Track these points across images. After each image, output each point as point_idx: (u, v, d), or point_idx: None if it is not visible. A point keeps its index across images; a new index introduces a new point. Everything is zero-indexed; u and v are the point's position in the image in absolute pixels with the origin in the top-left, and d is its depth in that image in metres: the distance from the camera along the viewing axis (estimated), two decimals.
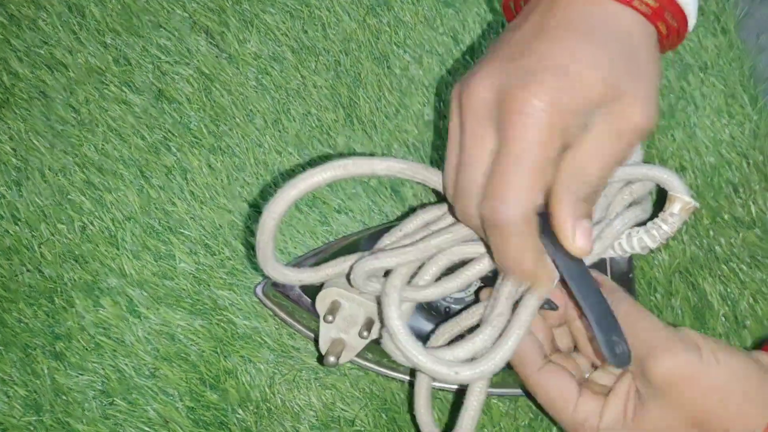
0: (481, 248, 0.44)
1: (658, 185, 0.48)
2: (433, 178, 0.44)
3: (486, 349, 0.41)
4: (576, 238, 0.40)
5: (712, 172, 0.59)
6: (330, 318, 0.46)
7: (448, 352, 0.41)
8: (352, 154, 0.61)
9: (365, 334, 0.46)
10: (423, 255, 0.44)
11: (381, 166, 0.42)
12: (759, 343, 0.54)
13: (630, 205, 0.48)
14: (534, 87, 0.37)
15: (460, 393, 0.47)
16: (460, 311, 0.47)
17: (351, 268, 0.45)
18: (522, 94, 0.37)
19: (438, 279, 0.45)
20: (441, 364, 0.40)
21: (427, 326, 0.51)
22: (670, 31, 0.42)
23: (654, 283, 0.56)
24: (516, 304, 0.43)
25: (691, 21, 0.42)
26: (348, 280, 0.46)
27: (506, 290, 0.43)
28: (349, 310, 0.47)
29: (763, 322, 0.55)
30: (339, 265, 0.47)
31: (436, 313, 0.52)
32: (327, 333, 0.48)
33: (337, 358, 0.47)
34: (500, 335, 0.42)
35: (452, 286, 0.44)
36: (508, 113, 0.38)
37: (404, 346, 0.41)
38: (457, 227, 0.44)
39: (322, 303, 0.47)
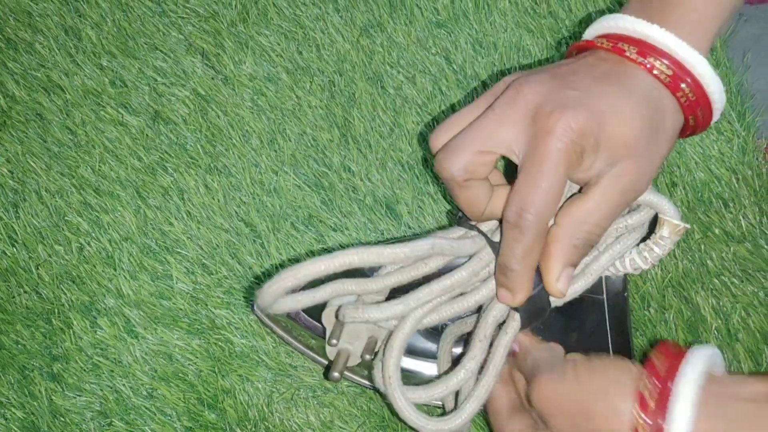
0: (467, 311, 0.48)
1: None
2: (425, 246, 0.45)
3: (459, 388, 0.47)
4: (560, 280, 0.45)
5: (702, 187, 0.60)
6: (334, 341, 0.47)
7: (425, 393, 0.46)
8: (347, 171, 0.62)
9: (368, 357, 0.47)
10: (408, 309, 0.46)
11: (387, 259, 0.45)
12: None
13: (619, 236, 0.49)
14: (570, 113, 0.42)
15: None
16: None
17: (339, 308, 0.47)
18: (557, 116, 0.42)
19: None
20: (430, 427, 0.46)
21: (426, 344, 0.52)
22: (697, 123, 0.46)
23: (647, 298, 0.57)
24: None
25: (716, 117, 0.47)
26: (337, 315, 0.48)
27: (481, 334, 0.47)
28: (353, 326, 0.47)
29: (755, 334, 0.55)
30: (338, 286, 0.47)
31: (435, 331, 0.53)
32: (333, 349, 0.49)
33: (341, 374, 0.47)
34: (475, 379, 0.47)
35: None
36: (541, 128, 0.42)
37: (400, 409, 0.46)
38: (445, 278, 0.46)
39: (327, 320, 0.48)
